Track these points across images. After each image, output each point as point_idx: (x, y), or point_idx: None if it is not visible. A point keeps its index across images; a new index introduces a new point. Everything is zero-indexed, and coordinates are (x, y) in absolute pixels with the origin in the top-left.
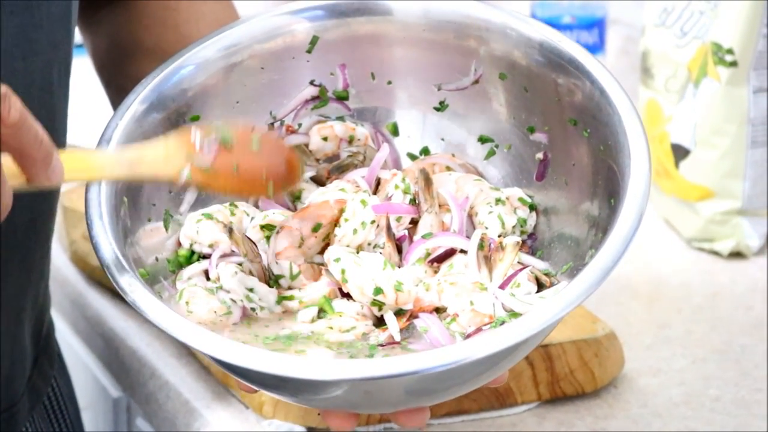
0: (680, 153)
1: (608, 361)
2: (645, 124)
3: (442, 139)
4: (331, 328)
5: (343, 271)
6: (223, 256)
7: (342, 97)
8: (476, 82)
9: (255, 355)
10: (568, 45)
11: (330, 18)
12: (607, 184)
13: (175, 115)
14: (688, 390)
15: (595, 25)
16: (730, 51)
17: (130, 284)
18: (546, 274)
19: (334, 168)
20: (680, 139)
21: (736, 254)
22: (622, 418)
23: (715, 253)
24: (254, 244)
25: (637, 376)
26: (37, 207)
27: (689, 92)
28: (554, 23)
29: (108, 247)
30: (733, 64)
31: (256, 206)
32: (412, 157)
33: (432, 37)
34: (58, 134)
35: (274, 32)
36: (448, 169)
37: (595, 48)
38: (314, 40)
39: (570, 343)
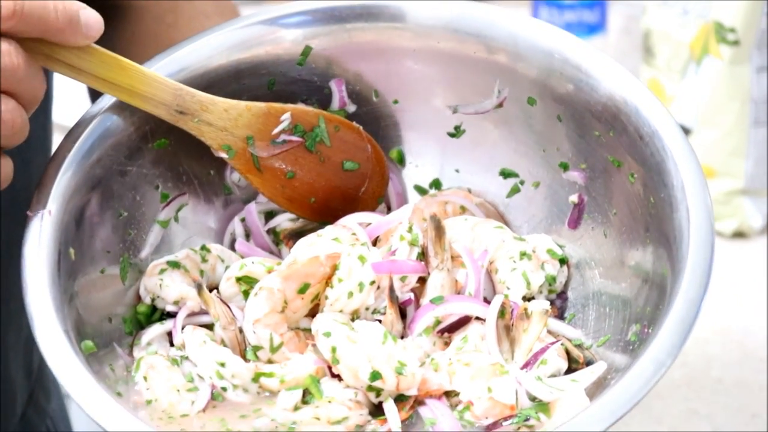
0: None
1: None
2: None
3: (457, 171)
4: (318, 418)
5: (333, 350)
6: (191, 314)
7: None
8: (500, 105)
9: None
10: (615, 70)
11: (325, 24)
12: (657, 247)
13: (137, 134)
14: (689, 371)
15: (597, 5)
16: (732, 30)
17: (70, 374)
18: (578, 346)
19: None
20: (682, 118)
21: (739, 234)
22: None
23: (718, 233)
24: (228, 307)
25: None
26: (15, 233)
27: (691, 71)
28: (557, 3)
29: (46, 320)
30: (736, 42)
31: (232, 248)
32: (421, 190)
33: (449, 48)
34: (45, 147)
35: (257, 41)
36: (463, 209)
37: (597, 27)
38: (306, 51)
39: None
